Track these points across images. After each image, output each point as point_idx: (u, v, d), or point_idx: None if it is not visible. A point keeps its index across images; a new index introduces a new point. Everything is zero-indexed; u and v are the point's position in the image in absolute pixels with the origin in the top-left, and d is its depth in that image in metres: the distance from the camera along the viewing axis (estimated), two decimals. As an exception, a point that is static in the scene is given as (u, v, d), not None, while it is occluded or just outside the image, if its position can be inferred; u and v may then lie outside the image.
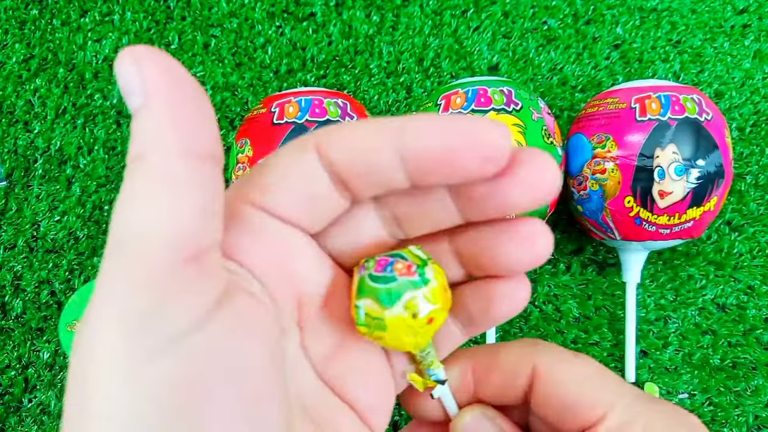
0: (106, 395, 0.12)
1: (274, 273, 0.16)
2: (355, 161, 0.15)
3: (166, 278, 0.12)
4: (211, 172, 0.13)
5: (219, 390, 0.12)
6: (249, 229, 0.16)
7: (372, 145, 0.15)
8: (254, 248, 0.16)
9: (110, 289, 0.12)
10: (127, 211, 0.12)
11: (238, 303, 0.14)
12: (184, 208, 0.12)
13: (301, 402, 0.17)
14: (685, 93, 0.34)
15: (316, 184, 0.16)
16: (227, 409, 0.12)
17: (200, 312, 0.12)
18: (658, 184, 0.32)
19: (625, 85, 0.36)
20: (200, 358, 0.12)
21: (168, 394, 0.12)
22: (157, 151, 0.12)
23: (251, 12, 0.44)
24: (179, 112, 0.12)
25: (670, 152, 0.32)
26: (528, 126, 0.33)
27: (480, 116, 0.15)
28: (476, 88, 0.34)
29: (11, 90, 0.43)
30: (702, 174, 0.32)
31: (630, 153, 0.33)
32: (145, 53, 0.12)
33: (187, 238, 0.12)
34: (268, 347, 0.14)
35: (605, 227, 0.35)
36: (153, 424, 0.12)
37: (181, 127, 0.12)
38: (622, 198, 0.33)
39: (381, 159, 0.15)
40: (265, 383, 0.14)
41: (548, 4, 0.44)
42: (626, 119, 0.33)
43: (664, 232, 0.34)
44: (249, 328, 0.14)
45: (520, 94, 0.34)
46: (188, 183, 0.12)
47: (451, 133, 0.14)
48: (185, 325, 0.12)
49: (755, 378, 0.38)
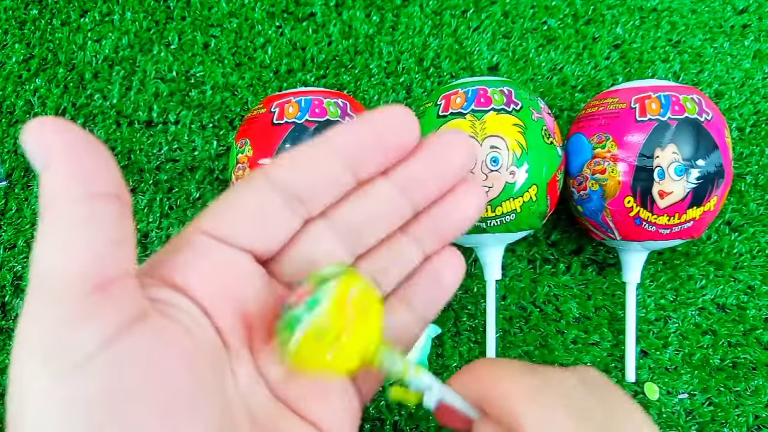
0: (33, 416, 0.13)
1: (215, 295, 0.17)
2: (306, 174, 0.18)
3: (73, 307, 0.13)
4: (113, 209, 0.15)
5: (132, 405, 0.13)
6: (193, 254, 0.17)
7: (318, 156, 0.18)
8: (195, 272, 0.17)
9: (28, 322, 0.14)
10: (37, 253, 0.14)
11: (153, 324, 0.15)
12: (85, 244, 0.14)
13: (255, 420, 0.17)
14: (685, 93, 0.34)
15: (266, 205, 0.18)
16: (141, 423, 0.13)
17: (107, 334, 0.14)
18: (658, 184, 0.32)
19: (625, 85, 0.36)
20: (110, 375, 0.13)
21: (85, 411, 0.13)
22: (58, 199, 0.14)
23: (251, 12, 0.44)
24: (75, 165, 0.14)
25: (670, 152, 0.32)
26: (528, 126, 0.33)
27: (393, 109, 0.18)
28: (476, 88, 0.34)
29: (11, 90, 0.43)
30: (702, 174, 0.32)
31: (630, 153, 0.33)
32: (47, 124, 0.14)
33: (90, 270, 0.14)
34: (188, 365, 0.15)
35: (605, 227, 0.35)
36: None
37: (77, 176, 0.14)
38: (622, 198, 0.33)
39: (327, 165, 0.18)
40: (184, 399, 0.14)
41: (548, 4, 0.44)
42: (626, 119, 0.33)
43: (664, 232, 0.34)
44: (163, 347, 0.15)
45: (520, 94, 0.34)
46: (88, 222, 0.14)
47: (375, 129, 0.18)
48: (93, 347, 0.13)
49: (755, 378, 0.38)
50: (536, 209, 0.34)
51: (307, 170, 0.18)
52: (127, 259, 0.15)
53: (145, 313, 0.15)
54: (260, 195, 0.18)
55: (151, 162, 0.42)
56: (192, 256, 0.17)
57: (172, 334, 0.15)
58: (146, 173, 0.42)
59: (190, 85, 0.43)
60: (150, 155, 0.42)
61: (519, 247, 0.40)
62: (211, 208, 0.18)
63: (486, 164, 0.32)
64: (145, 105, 0.43)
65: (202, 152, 0.42)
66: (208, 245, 0.17)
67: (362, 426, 0.37)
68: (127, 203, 0.15)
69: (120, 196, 0.15)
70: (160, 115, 0.43)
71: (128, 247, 0.15)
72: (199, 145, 0.42)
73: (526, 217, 0.34)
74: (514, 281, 0.40)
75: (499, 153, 0.32)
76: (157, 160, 0.42)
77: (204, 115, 0.42)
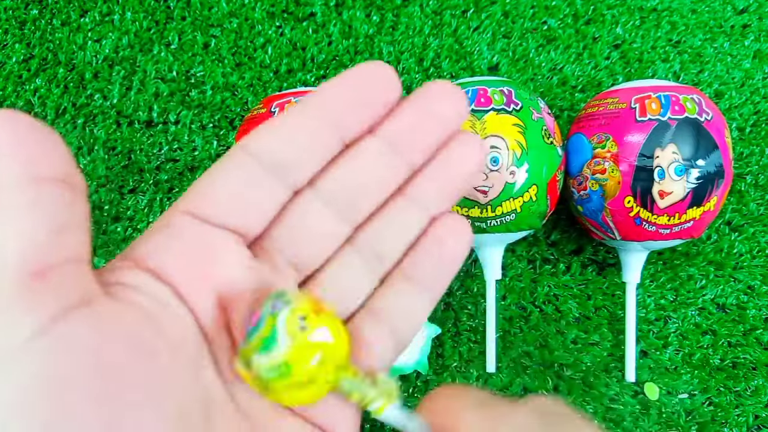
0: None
1: (191, 278, 0.16)
2: (288, 140, 0.17)
3: (8, 295, 0.13)
4: (61, 194, 0.14)
5: (68, 392, 0.13)
6: (170, 235, 0.17)
7: (299, 121, 0.17)
8: (170, 253, 0.16)
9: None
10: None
11: (99, 310, 0.15)
12: (25, 231, 0.14)
13: (243, 414, 0.16)
14: (685, 93, 0.34)
15: (249, 179, 0.17)
16: (78, 410, 0.13)
17: (43, 321, 0.13)
18: (658, 184, 0.32)
19: (625, 85, 0.36)
20: (44, 363, 0.13)
21: (19, 398, 0.13)
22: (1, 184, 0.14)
23: (251, 12, 0.44)
24: (19, 150, 0.14)
25: (670, 152, 0.32)
26: (528, 126, 0.33)
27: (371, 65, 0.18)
28: (476, 88, 0.34)
29: (11, 90, 0.43)
30: (702, 174, 0.32)
31: (630, 153, 0.33)
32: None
33: (29, 257, 0.13)
34: (139, 352, 0.15)
35: (605, 227, 0.35)
36: (21, 425, 0.13)
37: (21, 161, 0.14)
38: (622, 198, 0.33)
39: (310, 128, 0.17)
40: (131, 387, 0.14)
41: (548, 4, 0.44)
42: (626, 119, 0.33)
43: (664, 232, 0.34)
44: (107, 333, 0.14)
45: (520, 94, 0.34)
46: (30, 207, 0.14)
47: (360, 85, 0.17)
48: (28, 334, 0.13)
49: (755, 378, 0.38)
50: (536, 209, 0.34)
51: (289, 136, 0.17)
52: (74, 245, 0.14)
53: (89, 300, 0.14)
54: (241, 169, 0.17)
55: (152, 162, 0.42)
56: (168, 238, 0.17)
57: (122, 319, 0.15)
58: (146, 173, 0.42)
59: (190, 85, 0.43)
60: (150, 155, 0.42)
61: (519, 247, 0.40)
62: (192, 188, 0.17)
63: (486, 164, 0.32)
64: (145, 105, 0.43)
65: (203, 152, 0.42)
66: (188, 225, 0.17)
67: (362, 426, 0.37)
68: (80, 188, 0.15)
69: (70, 180, 0.14)
70: (161, 115, 0.43)
71: (77, 232, 0.15)
72: (199, 145, 0.42)
73: (526, 217, 0.34)
74: (514, 281, 0.40)
75: (499, 153, 0.32)
76: (157, 160, 0.42)
77: (204, 115, 0.42)
